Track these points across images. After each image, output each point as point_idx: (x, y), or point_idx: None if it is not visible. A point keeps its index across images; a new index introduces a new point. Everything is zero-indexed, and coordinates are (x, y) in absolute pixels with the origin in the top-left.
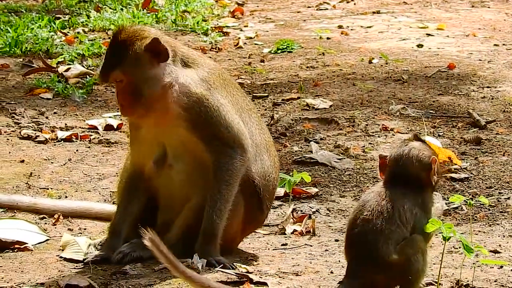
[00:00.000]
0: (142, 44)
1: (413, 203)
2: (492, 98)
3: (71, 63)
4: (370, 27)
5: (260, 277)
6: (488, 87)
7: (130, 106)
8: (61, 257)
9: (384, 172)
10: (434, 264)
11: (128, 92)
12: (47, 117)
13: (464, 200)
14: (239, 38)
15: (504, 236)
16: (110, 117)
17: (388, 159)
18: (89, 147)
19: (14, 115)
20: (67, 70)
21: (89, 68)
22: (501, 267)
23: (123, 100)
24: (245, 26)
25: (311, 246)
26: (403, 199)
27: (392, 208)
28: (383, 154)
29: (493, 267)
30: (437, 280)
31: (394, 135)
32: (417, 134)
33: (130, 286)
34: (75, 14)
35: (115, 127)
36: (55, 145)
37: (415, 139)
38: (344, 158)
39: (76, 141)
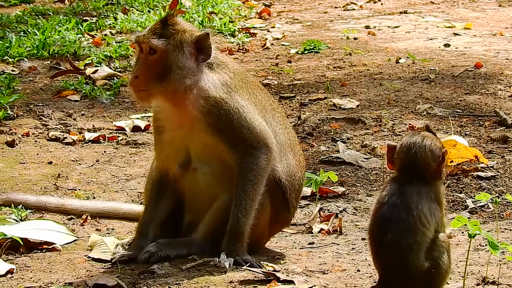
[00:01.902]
0: (194, 34)
1: (427, 199)
2: None
3: (99, 65)
4: (397, 27)
5: (287, 275)
6: None
7: (145, 80)
8: (89, 257)
9: (392, 163)
10: (460, 261)
11: (153, 67)
12: (74, 119)
13: (491, 198)
14: (266, 39)
15: None
16: (137, 118)
17: (398, 148)
18: (116, 148)
19: (42, 117)
20: (94, 72)
21: (116, 70)
22: None
23: (142, 71)
24: (272, 27)
25: (338, 244)
26: (419, 199)
27: (412, 218)
28: (392, 143)
29: None
30: (463, 277)
31: None
32: (429, 126)
33: (157, 285)
34: (102, 16)
35: (142, 128)
36: (82, 146)
37: (427, 130)
38: (371, 158)
39: (104, 143)
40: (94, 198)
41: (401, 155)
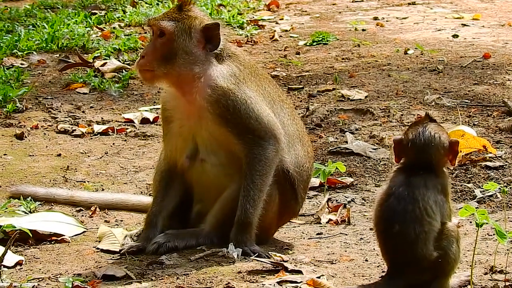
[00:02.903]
0: (203, 22)
1: (434, 191)
2: None
3: (107, 58)
4: (405, 18)
5: (295, 265)
6: None
7: (151, 60)
8: (97, 248)
9: (400, 157)
10: (468, 251)
11: (161, 49)
12: (83, 112)
13: (499, 188)
14: (275, 31)
15: None
16: (146, 110)
17: (407, 144)
18: (125, 140)
19: (51, 109)
20: (103, 65)
21: (125, 62)
22: None
23: (150, 51)
24: (280, 19)
25: (346, 235)
26: (425, 190)
27: (418, 209)
28: (397, 137)
29: None
30: (471, 266)
31: None
32: (428, 113)
33: (166, 276)
34: (111, 9)
35: (151, 120)
36: (91, 138)
37: (429, 120)
38: (379, 148)
39: (113, 135)
40: (103, 190)
41: (411, 151)
